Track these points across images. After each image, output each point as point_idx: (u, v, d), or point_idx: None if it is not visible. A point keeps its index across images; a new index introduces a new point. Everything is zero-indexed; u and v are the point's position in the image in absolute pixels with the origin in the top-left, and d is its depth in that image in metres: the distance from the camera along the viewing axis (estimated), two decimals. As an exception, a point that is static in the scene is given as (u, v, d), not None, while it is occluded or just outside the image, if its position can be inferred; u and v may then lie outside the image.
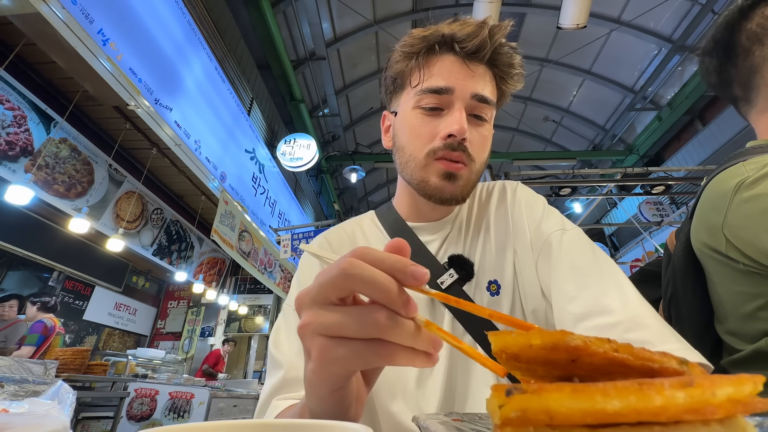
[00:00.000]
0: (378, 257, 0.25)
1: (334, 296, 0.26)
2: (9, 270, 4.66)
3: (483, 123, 0.56)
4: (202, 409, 3.23)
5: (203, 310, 7.19)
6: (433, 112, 0.54)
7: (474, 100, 0.53)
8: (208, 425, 0.19)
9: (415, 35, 0.56)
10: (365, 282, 0.24)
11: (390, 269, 0.25)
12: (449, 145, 0.53)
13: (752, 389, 0.13)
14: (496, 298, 0.55)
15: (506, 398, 0.13)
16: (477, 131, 0.55)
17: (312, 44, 5.49)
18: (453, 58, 0.54)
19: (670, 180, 3.80)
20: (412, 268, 0.25)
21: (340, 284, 0.25)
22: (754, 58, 0.66)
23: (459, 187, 0.54)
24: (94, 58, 2.47)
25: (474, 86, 0.53)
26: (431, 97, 0.54)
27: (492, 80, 0.56)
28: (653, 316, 0.43)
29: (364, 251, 0.26)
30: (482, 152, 0.56)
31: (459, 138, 0.52)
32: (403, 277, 0.25)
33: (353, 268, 0.24)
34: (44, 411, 0.46)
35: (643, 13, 5.35)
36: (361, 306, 0.26)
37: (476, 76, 0.54)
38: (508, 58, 0.55)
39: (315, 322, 0.26)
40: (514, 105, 7.73)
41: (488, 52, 0.54)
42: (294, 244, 4.27)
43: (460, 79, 0.53)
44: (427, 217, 0.62)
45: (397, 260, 0.25)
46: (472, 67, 0.54)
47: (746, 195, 0.58)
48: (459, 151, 0.53)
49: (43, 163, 3.48)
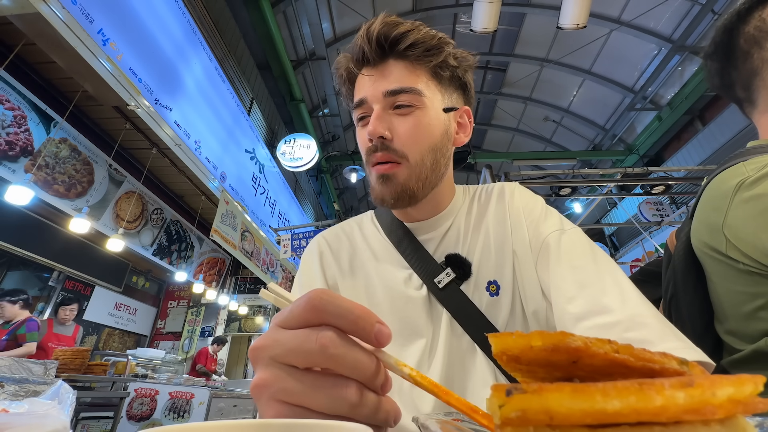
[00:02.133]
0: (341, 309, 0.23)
1: (301, 366, 0.23)
2: (9, 270, 4.66)
3: (410, 110, 0.54)
4: (202, 409, 3.23)
5: (203, 310, 7.19)
6: (363, 121, 0.57)
7: (389, 97, 0.54)
8: (208, 425, 0.19)
9: (336, 64, 0.61)
10: (346, 365, 0.22)
11: (353, 326, 0.23)
12: (372, 149, 0.54)
13: (753, 389, 0.13)
14: (495, 298, 0.55)
15: (506, 398, 0.13)
16: (402, 121, 0.54)
17: (312, 44, 5.49)
18: (363, 71, 0.57)
19: (670, 180, 3.79)
20: (378, 327, 0.23)
21: (315, 361, 0.22)
22: (753, 60, 0.66)
23: (397, 186, 0.54)
24: (94, 58, 2.47)
25: (382, 85, 0.54)
26: (358, 111, 0.57)
27: (407, 67, 0.55)
28: (653, 314, 0.43)
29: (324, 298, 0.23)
30: (416, 142, 0.54)
31: (374, 138, 0.53)
32: (367, 337, 0.23)
33: (335, 348, 0.22)
34: (44, 411, 0.46)
35: (643, 13, 5.35)
36: (333, 377, 0.23)
37: (382, 76, 0.55)
38: (403, 43, 0.54)
39: (275, 387, 0.23)
40: (514, 105, 7.74)
41: (371, 52, 0.54)
42: (294, 244, 4.27)
43: (370, 86, 0.55)
44: (414, 217, 0.62)
45: (363, 314, 0.23)
46: (377, 70, 0.55)
47: (747, 195, 0.58)
48: (381, 152, 0.53)
49: (43, 163, 3.48)
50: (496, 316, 0.54)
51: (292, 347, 0.23)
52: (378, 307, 0.58)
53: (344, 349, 0.22)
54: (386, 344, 0.23)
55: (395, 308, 0.57)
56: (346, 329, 0.23)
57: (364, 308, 0.23)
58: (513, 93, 7.54)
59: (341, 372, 0.23)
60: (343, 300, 0.23)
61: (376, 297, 0.58)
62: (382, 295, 0.58)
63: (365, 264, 0.62)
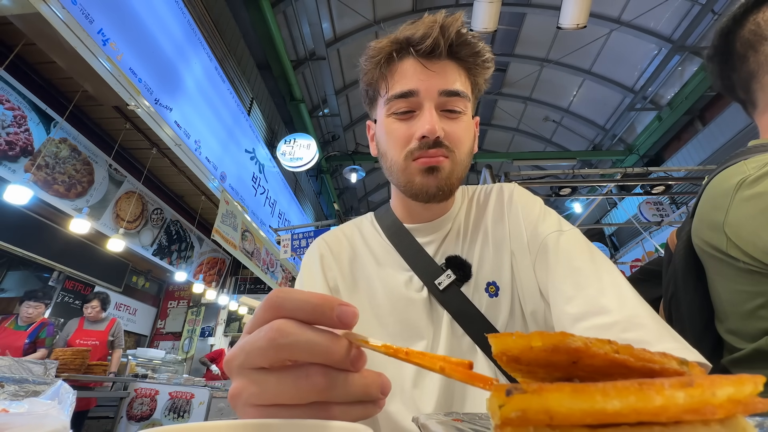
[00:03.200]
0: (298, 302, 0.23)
1: (266, 364, 0.23)
2: (9, 270, 4.67)
3: (458, 115, 0.55)
4: (202, 409, 3.23)
5: (203, 310, 7.19)
6: (405, 115, 0.56)
7: (443, 96, 0.54)
8: (208, 425, 0.19)
9: (374, 47, 0.58)
10: (301, 350, 0.22)
11: (312, 314, 0.22)
12: (424, 145, 0.53)
13: (753, 389, 0.13)
14: (494, 299, 0.55)
15: (506, 398, 0.13)
16: (452, 124, 0.55)
17: (312, 44, 5.49)
18: (412, 61, 0.55)
19: (670, 180, 3.79)
20: (339, 309, 0.22)
21: (271, 356, 0.22)
22: (750, 63, 0.67)
23: (443, 179, 0.54)
24: (94, 58, 2.47)
25: (439, 83, 0.54)
26: (400, 102, 0.55)
27: (460, 71, 0.56)
28: (650, 315, 0.43)
29: (280, 296, 0.23)
30: (461, 143, 0.56)
31: (432, 138, 0.53)
32: (329, 322, 0.22)
33: (283, 337, 0.21)
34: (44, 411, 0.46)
35: (643, 13, 5.35)
36: (295, 368, 0.23)
37: (440, 72, 0.54)
38: (470, 49, 0.55)
39: (246, 392, 0.23)
40: (514, 105, 7.74)
41: (444, 48, 0.54)
42: (294, 245, 4.27)
43: (424, 80, 0.54)
44: (421, 218, 0.62)
45: (321, 301, 0.23)
46: (434, 66, 0.54)
47: (747, 193, 0.58)
48: (435, 148, 0.53)
49: (43, 163, 3.48)
50: (495, 317, 0.54)
51: (249, 350, 0.23)
52: (379, 309, 0.58)
53: (294, 336, 0.22)
54: (353, 323, 0.23)
55: (396, 310, 0.57)
56: (307, 320, 0.23)
57: (323, 295, 0.23)
58: (513, 93, 7.54)
59: (301, 359, 0.22)
60: (300, 293, 0.23)
61: (377, 299, 0.59)
62: (383, 298, 0.58)
63: (366, 266, 0.62)
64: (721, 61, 0.72)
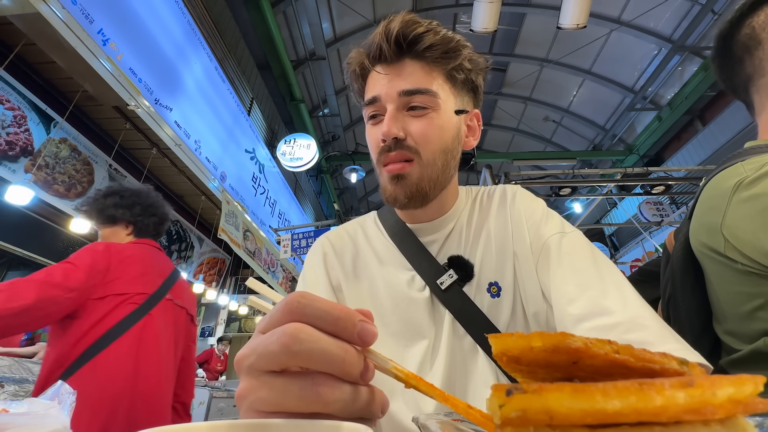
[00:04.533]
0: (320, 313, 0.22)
1: (275, 369, 0.22)
2: (9, 270, 4.67)
3: (424, 112, 0.54)
4: (202, 409, 3.23)
5: (203, 310, 7.19)
6: (375, 120, 0.57)
7: (404, 96, 0.53)
8: (207, 425, 0.19)
9: (347, 62, 0.60)
10: (314, 359, 0.21)
11: (333, 326, 0.22)
12: (385, 149, 0.54)
13: (753, 389, 0.13)
14: (496, 300, 0.55)
15: (506, 398, 0.13)
16: (415, 122, 0.54)
17: (312, 44, 5.49)
18: (377, 68, 0.56)
19: (670, 180, 3.80)
20: (361, 326, 0.22)
21: (283, 362, 0.22)
22: (746, 67, 0.68)
23: (410, 186, 0.54)
24: (94, 58, 2.47)
25: (398, 85, 0.54)
26: (369, 108, 0.57)
27: (424, 68, 0.55)
28: (653, 317, 0.43)
29: (302, 301, 0.23)
30: (429, 141, 0.54)
31: (389, 139, 0.52)
32: (350, 338, 0.22)
33: (297, 344, 0.21)
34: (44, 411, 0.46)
35: (643, 13, 5.35)
36: (303, 376, 0.22)
37: (399, 74, 0.54)
38: (421, 44, 0.54)
39: (252, 396, 0.23)
40: (514, 105, 7.74)
41: (390, 50, 0.54)
42: (294, 245, 4.27)
43: (385, 84, 0.54)
44: (421, 218, 0.62)
45: (344, 315, 0.22)
46: (390, 69, 0.55)
47: (745, 195, 0.58)
48: (396, 150, 0.53)
49: (43, 163, 3.48)
50: (497, 318, 0.54)
51: (260, 352, 0.22)
52: (381, 309, 0.58)
53: (309, 344, 0.21)
54: (372, 342, 0.22)
55: (398, 309, 0.57)
56: (326, 331, 0.22)
57: (345, 308, 0.23)
58: (513, 93, 7.54)
59: (312, 367, 0.22)
60: (322, 301, 0.23)
61: (379, 298, 0.59)
62: (385, 297, 0.58)
63: (368, 265, 0.62)
64: (721, 64, 0.73)
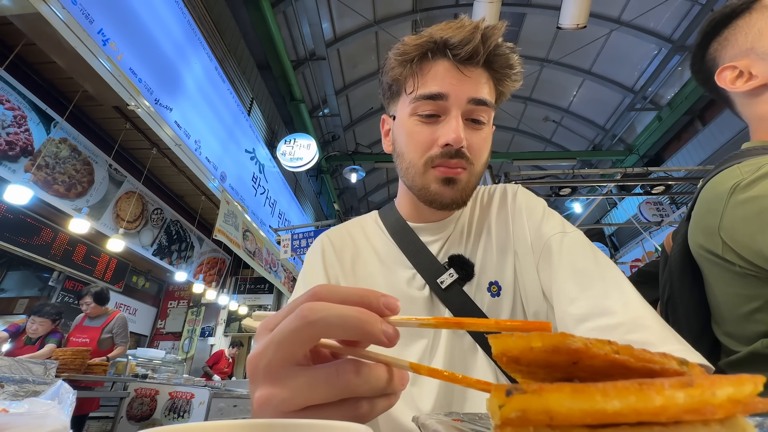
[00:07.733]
0: (343, 294, 0.23)
1: (299, 352, 0.22)
2: (9, 270, 4.67)
3: (481, 126, 0.55)
4: (202, 409, 3.23)
5: (203, 310, 7.19)
6: (429, 119, 0.54)
7: (471, 104, 0.52)
8: (208, 425, 0.19)
9: (408, 43, 0.55)
10: (334, 325, 0.21)
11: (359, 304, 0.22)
12: (447, 153, 0.52)
13: (752, 389, 0.13)
14: (496, 299, 0.55)
15: (506, 398, 0.13)
16: (475, 135, 0.54)
17: (312, 44, 5.48)
18: (447, 64, 0.53)
19: (670, 180, 3.80)
20: (383, 299, 0.23)
21: (305, 336, 0.21)
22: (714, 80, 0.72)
23: (459, 191, 0.54)
24: (94, 58, 2.47)
25: (470, 90, 0.52)
26: (427, 104, 0.53)
27: (489, 81, 0.55)
28: (654, 317, 0.43)
29: (321, 290, 0.23)
30: (481, 155, 0.55)
31: (456, 147, 0.52)
32: (377, 309, 0.23)
33: (314, 313, 0.21)
34: (44, 411, 0.46)
35: (643, 13, 5.35)
36: (325, 369, 0.22)
37: (472, 79, 0.53)
38: (505, 60, 0.54)
39: (276, 399, 0.22)
40: (514, 105, 7.73)
41: (482, 56, 0.53)
42: (294, 244, 4.27)
43: (455, 84, 0.52)
44: (427, 218, 0.63)
45: (365, 293, 0.23)
46: (467, 72, 0.53)
47: (742, 197, 0.58)
48: (457, 159, 0.53)
49: (43, 163, 3.48)
50: (497, 317, 0.54)
51: (279, 339, 0.22)
52: None
53: (325, 310, 0.21)
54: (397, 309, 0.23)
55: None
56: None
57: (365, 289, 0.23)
58: (513, 93, 7.50)
59: (335, 336, 0.22)
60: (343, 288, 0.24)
61: None
62: None
63: (368, 263, 0.62)
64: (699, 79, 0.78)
